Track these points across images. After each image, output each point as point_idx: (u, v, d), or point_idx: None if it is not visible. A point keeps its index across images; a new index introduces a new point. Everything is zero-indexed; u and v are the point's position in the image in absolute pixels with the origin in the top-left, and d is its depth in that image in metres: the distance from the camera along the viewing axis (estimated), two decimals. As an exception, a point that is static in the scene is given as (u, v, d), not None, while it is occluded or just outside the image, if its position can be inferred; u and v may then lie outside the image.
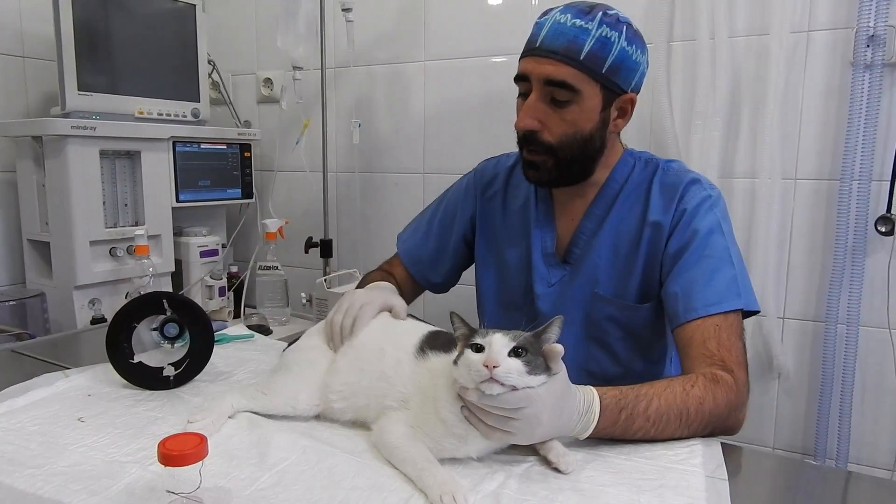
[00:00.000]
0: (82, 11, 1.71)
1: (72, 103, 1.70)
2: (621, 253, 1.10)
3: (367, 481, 0.74)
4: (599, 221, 1.12)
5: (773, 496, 0.84)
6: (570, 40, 0.99)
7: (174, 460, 0.64)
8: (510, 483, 0.74)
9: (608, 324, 1.13)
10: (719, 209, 1.06)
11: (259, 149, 2.26)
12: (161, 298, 1.00)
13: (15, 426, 0.85)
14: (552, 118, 1.03)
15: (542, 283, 1.17)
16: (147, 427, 0.86)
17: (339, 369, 0.91)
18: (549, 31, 1.01)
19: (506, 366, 0.71)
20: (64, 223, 1.70)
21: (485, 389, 0.71)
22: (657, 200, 1.08)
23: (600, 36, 1.00)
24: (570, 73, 1.00)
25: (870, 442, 1.55)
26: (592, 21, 1.00)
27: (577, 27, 1.00)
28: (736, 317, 0.98)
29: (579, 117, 1.03)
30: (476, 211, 1.26)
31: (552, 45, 1.00)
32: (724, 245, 1.02)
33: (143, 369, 0.99)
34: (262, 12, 2.23)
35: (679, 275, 1.02)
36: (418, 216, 1.36)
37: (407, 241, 1.33)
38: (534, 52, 1.02)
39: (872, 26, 1.42)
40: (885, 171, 1.46)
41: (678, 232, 1.05)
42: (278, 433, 0.84)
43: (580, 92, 1.01)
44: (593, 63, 1.00)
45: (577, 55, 0.99)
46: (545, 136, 1.04)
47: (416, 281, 1.31)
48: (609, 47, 1.00)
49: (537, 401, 0.73)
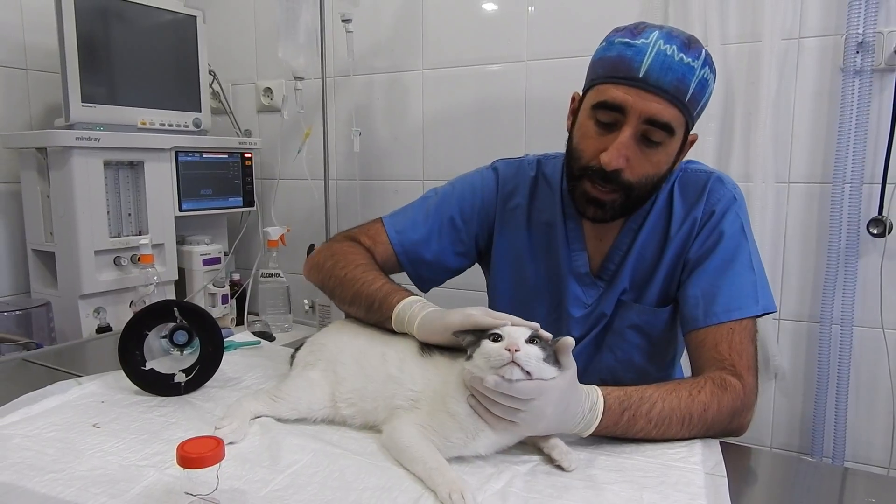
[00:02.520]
0: (85, 24, 1.73)
1: (76, 115, 1.72)
2: (647, 260, 1.08)
3: (377, 482, 0.76)
4: (634, 234, 1.09)
5: (771, 492, 0.86)
6: (678, 79, 0.91)
7: (193, 462, 0.66)
8: (516, 482, 0.77)
9: (630, 332, 1.11)
10: (743, 211, 1.04)
11: (259, 157, 2.28)
12: (172, 306, 1.02)
13: (32, 433, 0.86)
14: (638, 157, 0.95)
15: (577, 305, 1.13)
16: (161, 432, 0.88)
17: (344, 378, 0.92)
18: (656, 62, 0.91)
19: (526, 350, 0.75)
20: (69, 233, 1.72)
21: (506, 374, 0.74)
22: (681, 202, 1.06)
23: (702, 77, 0.94)
24: (674, 115, 0.93)
25: (865, 440, 1.58)
26: (697, 59, 0.93)
27: (684, 64, 0.91)
28: (751, 321, 0.98)
29: (663, 159, 0.98)
30: (496, 218, 1.18)
31: (660, 80, 0.91)
32: (747, 250, 1.01)
33: (154, 376, 1.01)
34: (260, 23, 2.26)
35: (701, 278, 1.01)
36: (415, 206, 1.21)
37: (404, 232, 1.16)
38: (637, 84, 0.92)
39: (861, 33, 1.45)
40: (876, 174, 1.49)
41: (705, 232, 1.03)
42: (289, 436, 0.86)
43: (674, 135, 0.95)
44: (693, 106, 0.95)
45: (684, 97, 0.93)
46: (627, 175, 0.96)
47: (403, 268, 1.18)
48: (706, 90, 0.96)
49: (546, 394, 0.76)
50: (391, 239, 1.16)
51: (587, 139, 0.99)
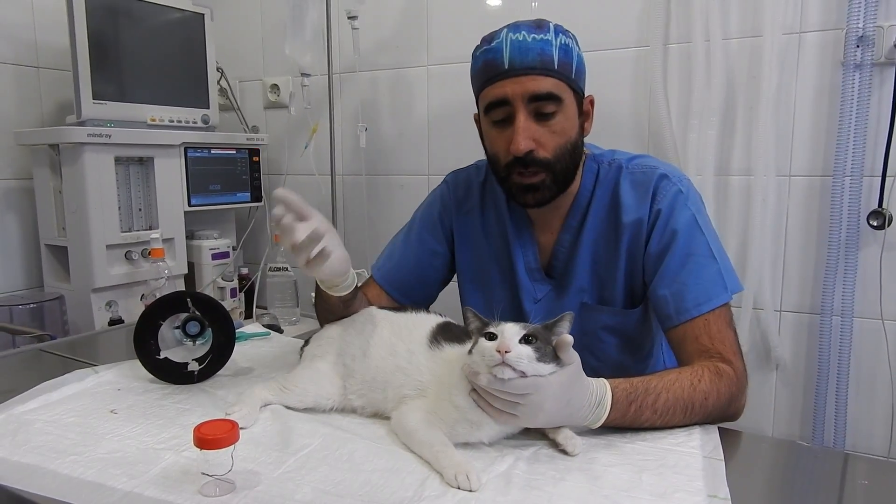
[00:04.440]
0: (96, 23, 1.76)
1: (87, 112, 1.76)
2: (601, 260, 1.12)
3: (386, 464, 0.79)
4: (576, 232, 1.13)
5: (767, 475, 0.88)
6: (539, 53, 1.00)
7: (209, 444, 0.70)
8: (519, 464, 0.79)
9: (604, 333, 1.14)
10: (692, 201, 1.06)
11: (267, 153, 2.31)
12: (185, 297, 1.05)
13: (53, 418, 0.90)
14: (543, 134, 1.03)
15: (528, 299, 1.17)
16: (177, 418, 0.91)
17: (355, 370, 0.95)
18: (513, 50, 1.01)
19: (517, 351, 0.76)
20: (81, 228, 1.75)
21: (497, 373, 0.76)
22: (629, 200, 1.09)
23: (562, 44, 1.02)
24: (552, 83, 1.01)
25: (865, 429, 1.60)
26: (549, 33, 1.02)
27: (538, 41, 1.01)
28: (724, 308, 1.00)
29: (566, 126, 1.04)
30: (454, 224, 1.24)
31: (524, 62, 1.00)
32: (704, 241, 1.04)
33: (168, 365, 1.04)
34: (267, 21, 2.29)
35: (665, 277, 1.03)
36: (388, 245, 1.31)
37: (382, 266, 1.26)
38: (506, 75, 1.01)
39: (861, 27, 1.46)
40: (876, 167, 1.50)
41: (657, 233, 1.06)
42: (300, 422, 0.89)
43: (563, 100, 1.02)
44: (565, 69, 1.02)
45: (552, 65, 1.01)
46: (541, 153, 1.03)
47: (392, 297, 1.24)
48: (571, 53, 1.03)
49: (543, 389, 0.78)
50: (375, 277, 1.25)
51: (495, 142, 1.07)
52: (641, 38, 1.71)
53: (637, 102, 1.75)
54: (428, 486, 0.73)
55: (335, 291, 1.00)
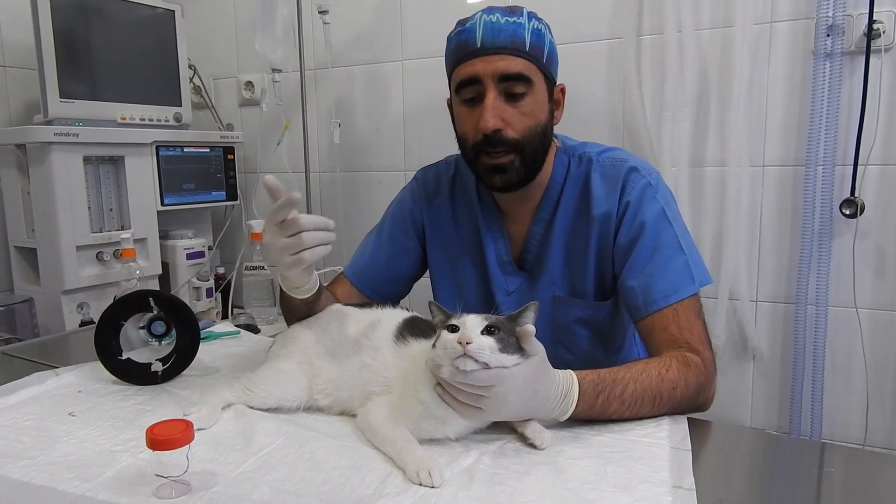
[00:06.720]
0: (62, 20, 1.73)
1: (54, 111, 1.72)
2: (573, 253, 1.12)
3: (347, 461, 0.77)
4: (547, 225, 1.13)
5: (745, 465, 0.87)
6: (511, 35, 1.02)
7: (162, 444, 0.68)
8: (484, 459, 0.78)
9: (576, 326, 1.14)
10: (661, 194, 1.07)
11: (242, 151, 2.28)
12: (147, 297, 1.03)
13: (8, 422, 0.87)
14: (512, 114, 1.03)
15: (501, 291, 1.18)
16: (136, 419, 0.89)
17: (321, 369, 0.94)
18: (486, 31, 1.02)
19: (478, 342, 0.75)
20: (50, 229, 1.72)
21: (459, 365, 0.75)
22: (599, 193, 1.09)
23: (534, 29, 1.03)
24: (522, 64, 1.02)
25: (841, 419, 1.60)
26: (522, 17, 1.04)
27: (511, 23, 1.02)
28: (692, 299, 1.01)
29: (536, 108, 1.05)
30: (424, 220, 1.25)
31: (496, 42, 1.01)
32: (672, 233, 1.04)
33: (131, 365, 1.02)
34: (240, 17, 2.26)
35: (634, 269, 1.04)
36: (361, 243, 1.32)
37: (354, 264, 1.27)
38: (478, 54, 1.02)
39: (831, 16, 1.47)
40: (848, 156, 1.51)
41: (625, 225, 1.06)
42: (263, 421, 0.88)
43: (533, 82, 1.03)
44: (536, 53, 1.03)
45: (523, 46, 1.02)
46: (509, 133, 1.03)
47: (361, 292, 1.25)
48: (543, 38, 1.04)
49: (507, 381, 0.77)
50: (346, 275, 1.26)
51: (465, 121, 1.07)
52: (614, 29, 1.70)
53: (611, 95, 1.74)
54: (389, 484, 0.72)
55: (298, 294, 0.99)
